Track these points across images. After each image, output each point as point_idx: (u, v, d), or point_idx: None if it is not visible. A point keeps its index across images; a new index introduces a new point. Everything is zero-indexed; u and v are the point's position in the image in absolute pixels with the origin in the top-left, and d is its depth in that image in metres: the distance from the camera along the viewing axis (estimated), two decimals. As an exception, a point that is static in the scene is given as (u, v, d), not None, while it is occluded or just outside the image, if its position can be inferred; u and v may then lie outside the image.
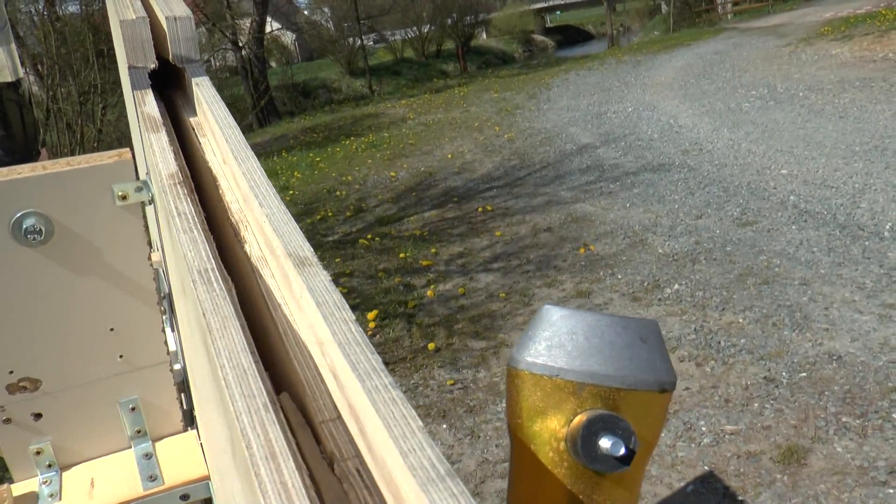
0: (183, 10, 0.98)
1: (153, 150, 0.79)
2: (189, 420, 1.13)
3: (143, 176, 0.95)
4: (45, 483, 1.03)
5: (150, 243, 0.97)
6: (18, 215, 0.87)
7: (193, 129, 0.91)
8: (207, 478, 1.03)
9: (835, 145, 8.63)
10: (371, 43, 37.70)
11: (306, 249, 0.56)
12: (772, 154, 8.77)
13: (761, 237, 6.34)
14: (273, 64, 35.28)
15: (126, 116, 14.03)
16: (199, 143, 0.87)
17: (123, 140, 14.19)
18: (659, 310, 5.36)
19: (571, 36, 49.73)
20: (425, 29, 37.10)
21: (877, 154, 8.06)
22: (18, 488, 1.02)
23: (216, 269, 0.57)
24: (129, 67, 0.98)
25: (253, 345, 0.53)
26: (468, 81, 24.51)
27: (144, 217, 0.96)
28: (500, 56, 40.47)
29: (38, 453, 1.03)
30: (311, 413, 0.50)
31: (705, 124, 10.92)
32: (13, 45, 1.32)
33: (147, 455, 1.07)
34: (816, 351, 4.47)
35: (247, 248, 0.65)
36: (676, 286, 5.70)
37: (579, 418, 0.57)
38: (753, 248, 6.13)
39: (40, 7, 14.25)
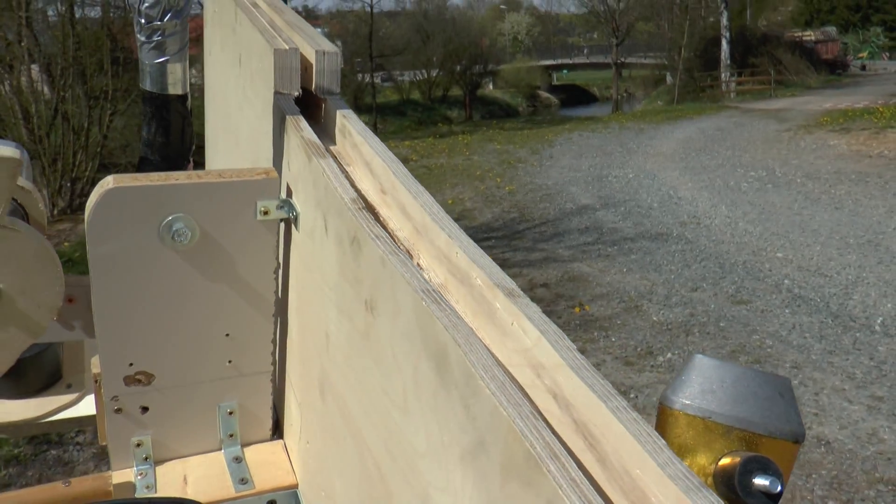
0: (330, 46, 1.06)
1: (327, 175, 0.86)
2: (275, 429, 1.19)
3: (281, 195, 1.02)
4: (140, 475, 1.08)
5: (278, 258, 1.03)
6: (170, 218, 0.93)
7: (334, 157, 0.98)
8: (296, 486, 1.08)
9: (830, 235, 8.81)
10: (379, 81, 38.14)
11: (510, 282, 0.63)
12: (768, 236, 8.94)
13: (755, 317, 6.45)
14: (280, 90, 35.51)
15: (131, 126, 14.09)
16: (347, 172, 0.94)
17: (128, 148, 14.22)
18: (651, 376, 5.43)
19: (576, 96, 50.45)
20: (434, 73, 37.59)
21: (870, 248, 8.23)
22: (116, 476, 1.07)
23: (436, 290, 0.64)
24: (276, 93, 1.05)
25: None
26: (472, 129, 24.81)
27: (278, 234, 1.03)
28: (504, 108, 41.00)
29: (138, 445, 1.08)
30: None
31: (704, 199, 11.12)
32: (187, 63, 1.41)
33: (237, 459, 1.12)
34: (806, 434, 4.54)
35: (425, 275, 0.72)
36: (669, 355, 5.78)
37: (733, 458, 0.64)
38: (747, 327, 6.23)
39: (60, 7, 14.36)
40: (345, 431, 0.86)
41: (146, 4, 1.30)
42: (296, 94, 1.05)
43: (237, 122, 1.37)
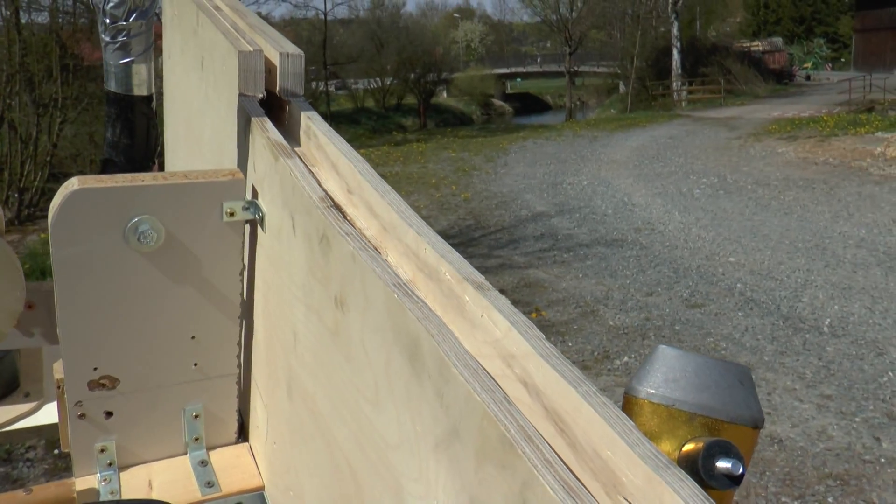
0: (294, 48, 1.07)
1: (294, 175, 0.86)
2: (240, 432, 1.18)
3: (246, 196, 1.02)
4: (104, 481, 1.07)
5: (243, 259, 1.03)
6: (136, 220, 0.93)
7: (300, 158, 0.99)
8: (262, 488, 1.08)
9: (780, 239, 9.01)
10: (333, 89, 38.02)
11: (479, 276, 0.64)
12: (721, 241, 9.11)
13: (709, 320, 6.56)
14: (233, 99, 35.20)
15: (82, 134, 13.86)
16: (313, 173, 0.95)
17: (78, 157, 13.96)
18: (608, 380, 5.49)
19: (529, 104, 50.83)
20: (388, 81, 37.59)
21: (818, 252, 8.43)
22: (80, 483, 1.05)
23: (407, 284, 0.65)
24: (241, 95, 1.05)
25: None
26: (427, 138, 24.85)
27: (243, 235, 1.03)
28: (458, 116, 41.14)
29: (102, 451, 1.07)
30: None
31: (658, 205, 11.29)
32: (152, 64, 1.40)
33: (202, 462, 1.12)
34: (760, 433, 4.63)
35: (391, 271, 0.73)
36: (626, 358, 5.85)
37: (696, 443, 0.67)
38: (701, 330, 6.33)
39: (5, 12, 14.05)
40: (314, 430, 0.87)
41: (111, 4, 1.29)
42: (260, 95, 1.05)
43: (200, 125, 1.37)
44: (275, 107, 1.11)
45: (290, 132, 1.08)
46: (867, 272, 7.64)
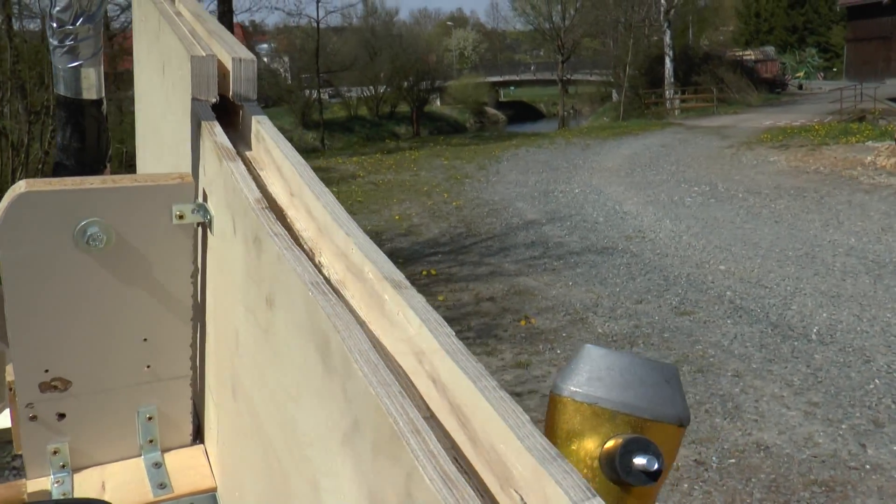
0: (247, 53, 1.08)
1: (235, 177, 0.87)
2: (196, 434, 1.19)
3: (196, 199, 1.02)
4: (57, 483, 1.07)
5: (195, 262, 1.04)
6: (85, 222, 0.93)
7: (250, 162, 1.00)
8: (214, 489, 1.08)
9: (770, 248, 9.03)
10: (327, 97, 38.04)
11: (399, 275, 0.65)
12: (711, 249, 9.13)
13: (698, 327, 6.57)
14: (227, 107, 35.20)
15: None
16: (259, 175, 0.96)
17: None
18: (595, 387, 5.49)
19: (523, 112, 50.87)
20: (382, 89, 37.63)
21: (807, 260, 8.45)
22: (32, 485, 1.05)
23: (325, 283, 0.65)
24: (193, 99, 1.06)
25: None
26: (420, 145, 24.88)
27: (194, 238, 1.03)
28: (452, 124, 41.19)
29: (54, 453, 1.07)
30: None
31: (649, 213, 11.31)
32: (102, 67, 1.41)
33: (156, 464, 1.12)
34: (746, 440, 4.63)
35: (324, 271, 0.74)
36: (614, 366, 5.85)
37: (616, 440, 0.67)
38: (690, 337, 6.34)
39: (-2, 20, 14.04)
40: (252, 430, 0.87)
41: (58, 8, 1.30)
42: (213, 100, 1.06)
43: (162, 129, 1.38)
44: (232, 111, 1.12)
45: (243, 136, 1.09)
46: (856, 280, 7.66)
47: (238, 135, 1.08)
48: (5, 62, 12.93)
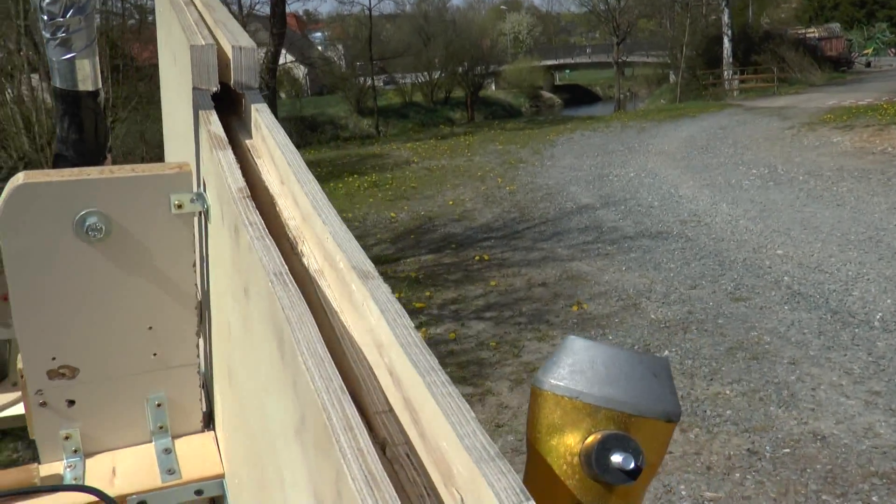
0: (248, 41, 1.07)
1: (221, 165, 0.86)
2: (207, 421, 1.19)
3: (195, 188, 1.02)
4: (69, 467, 1.08)
5: (196, 251, 1.04)
6: (83, 213, 0.94)
7: (249, 151, 0.99)
8: (222, 476, 1.09)
9: (831, 231, 8.77)
10: (381, 84, 38.15)
11: (368, 265, 0.63)
12: (769, 233, 8.91)
13: (753, 313, 6.42)
14: (283, 95, 35.66)
15: (133, 133, 14.17)
16: (255, 164, 0.95)
17: (129, 155, 14.28)
18: (646, 374, 5.41)
19: (579, 96, 50.39)
20: (436, 75, 37.58)
21: (871, 245, 8.18)
22: (45, 469, 1.07)
23: (288, 274, 0.64)
24: (195, 89, 1.06)
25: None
26: (474, 130, 24.80)
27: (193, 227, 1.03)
28: (507, 108, 40.97)
29: (66, 438, 1.09)
30: (365, 405, 0.57)
31: (705, 197, 11.09)
32: (97, 59, 1.42)
33: (167, 450, 1.13)
34: (801, 429, 4.52)
35: (304, 260, 0.73)
36: (666, 352, 5.76)
37: (595, 436, 0.64)
38: (745, 324, 6.20)
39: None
40: (243, 418, 0.87)
41: (47, 1, 1.31)
42: (214, 89, 1.06)
43: (177, 118, 1.38)
44: (238, 100, 1.12)
45: (245, 124, 1.08)
46: (922, 264, 7.40)
47: (241, 123, 1.07)
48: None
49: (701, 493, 3.98)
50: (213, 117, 1.00)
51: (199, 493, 1.08)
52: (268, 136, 0.95)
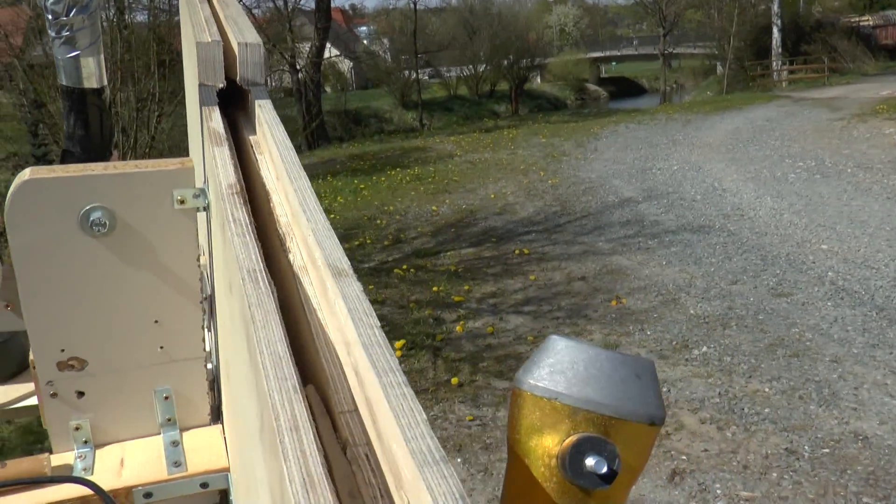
0: (254, 38, 1.08)
1: (216, 161, 0.87)
2: (216, 415, 1.21)
3: (200, 184, 1.04)
4: (79, 457, 1.11)
5: (199, 246, 1.06)
6: (88, 208, 0.96)
7: (252, 147, 1.00)
8: (227, 469, 1.10)
9: (879, 226, 8.56)
10: (426, 77, 38.17)
11: (344, 262, 0.63)
12: (813, 228, 8.73)
13: (795, 310, 6.31)
14: (328, 89, 35.91)
15: (179, 126, 14.40)
16: (256, 160, 0.96)
17: (174, 149, 14.51)
18: (685, 370, 5.35)
19: (625, 88, 49.90)
20: (481, 68, 37.49)
21: (921, 238, 7.98)
22: (56, 459, 1.10)
23: (263, 271, 0.65)
24: (200, 85, 1.07)
25: (287, 339, 0.60)
26: (518, 124, 24.70)
27: (197, 222, 1.05)
28: (552, 101, 40.71)
29: (77, 429, 1.12)
30: (332, 404, 0.57)
31: (749, 190, 10.90)
32: (102, 56, 1.45)
33: (174, 443, 1.15)
34: (842, 429, 4.42)
35: (290, 257, 0.73)
36: (705, 348, 5.69)
37: (571, 438, 0.64)
38: (786, 320, 6.09)
39: (111, 14, 14.72)
40: (234, 412, 0.88)
41: (51, 1, 1.33)
42: (220, 85, 1.07)
43: (192, 114, 1.40)
44: (246, 96, 1.13)
45: (251, 120, 1.09)
46: (973, 259, 7.19)
47: (248, 119, 1.08)
48: (116, 53, 13.49)
49: (737, 493, 3.92)
50: (215, 113, 1.01)
51: (204, 485, 1.09)
52: (268, 132, 0.95)
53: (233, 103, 1.20)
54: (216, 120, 0.99)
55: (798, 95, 24.06)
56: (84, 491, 1.01)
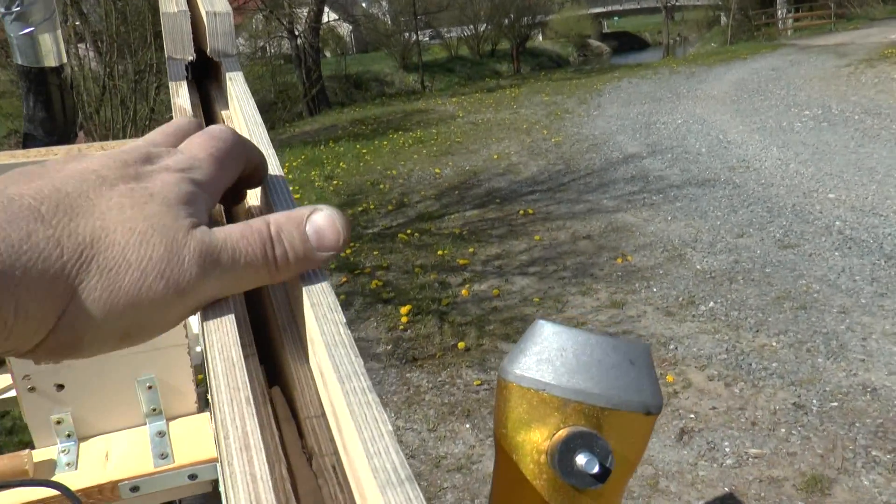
0: (223, 6, 1.01)
1: None
2: (203, 402, 1.17)
3: None
4: (63, 452, 1.08)
5: None
6: None
7: (224, 122, 0.94)
8: (216, 459, 1.07)
9: (888, 172, 8.47)
10: (426, 39, 37.75)
11: None
12: (820, 177, 8.63)
13: (802, 261, 6.25)
14: (327, 54, 35.56)
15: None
16: None
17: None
18: (692, 326, 5.32)
19: (627, 43, 49.33)
20: (481, 28, 37.06)
21: (930, 184, 7.90)
22: (39, 454, 1.07)
23: None
24: (168, 59, 1.01)
25: (250, 338, 0.55)
26: (520, 83, 24.46)
27: None
28: (554, 59, 40.27)
29: (58, 423, 1.08)
30: (298, 408, 0.53)
31: (755, 142, 10.78)
32: (59, 32, 1.38)
33: (160, 433, 1.11)
34: (850, 381, 4.40)
35: None
36: (711, 304, 5.65)
37: (560, 433, 0.59)
38: (793, 272, 6.04)
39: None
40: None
41: None
42: (189, 58, 1.01)
43: None
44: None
45: (224, 93, 1.03)
46: (983, 204, 7.11)
47: (220, 92, 1.02)
48: (111, 25, 13.36)
49: (745, 450, 3.91)
50: (182, 89, 0.95)
51: (192, 477, 1.06)
52: (237, 107, 0.90)
53: (208, 76, 1.14)
54: (183, 95, 0.93)
55: (804, 43, 23.72)
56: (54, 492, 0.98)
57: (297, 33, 24.96)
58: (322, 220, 0.49)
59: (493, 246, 7.67)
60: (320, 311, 0.51)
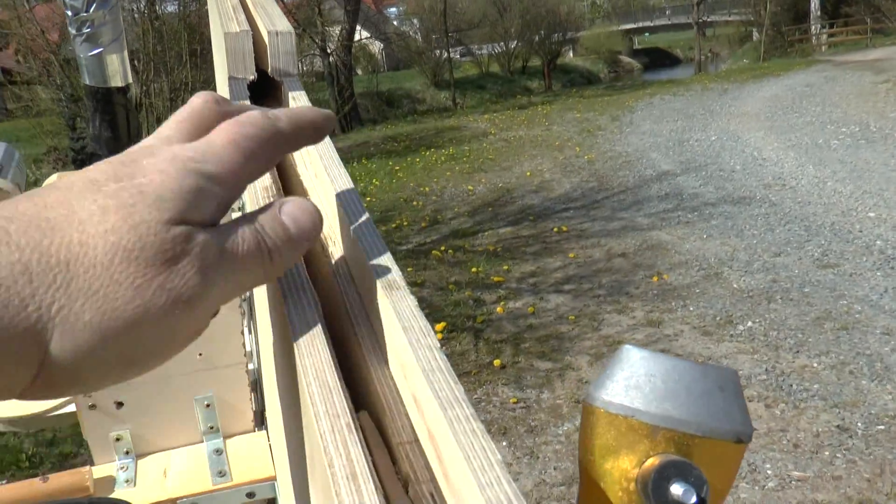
0: (285, 26, 1.02)
1: None
2: (260, 420, 1.17)
3: None
4: (121, 469, 1.08)
5: None
6: None
7: None
8: (274, 478, 1.06)
9: (928, 190, 8.33)
10: (458, 56, 37.91)
11: (395, 274, 0.58)
12: (859, 195, 8.50)
13: (843, 281, 6.15)
14: (359, 71, 35.84)
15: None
16: (292, 157, 0.90)
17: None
18: (730, 346, 5.25)
19: (659, 59, 49.18)
20: (512, 44, 37.16)
21: (972, 202, 7.75)
22: (98, 471, 1.07)
23: (306, 281, 0.59)
24: (230, 78, 1.01)
25: (337, 362, 0.54)
26: (552, 99, 24.45)
27: None
28: (585, 75, 40.25)
29: (117, 440, 1.08)
30: (388, 433, 0.52)
31: (790, 159, 10.66)
32: (125, 53, 1.40)
33: (218, 451, 1.11)
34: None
35: (334, 263, 0.67)
36: (750, 323, 5.57)
37: (652, 461, 0.57)
38: (833, 292, 5.94)
39: (141, 5, 14.83)
40: (272, 423, 0.83)
41: None
42: (250, 78, 1.01)
43: None
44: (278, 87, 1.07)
45: None
46: None
47: (282, 112, 1.02)
48: (148, 44, 13.58)
49: (788, 473, 3.83)
50: None
51: (250, 495, 1.06)
52: None
53: (265, 94, 1.15)
54: None
55: (839, 59, 23.47)
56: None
57: (329, 51, 25.18)
58: (292, 207, 0.46)
59: (528, 263, 7.64)
60: (413, 336, 0.50)
